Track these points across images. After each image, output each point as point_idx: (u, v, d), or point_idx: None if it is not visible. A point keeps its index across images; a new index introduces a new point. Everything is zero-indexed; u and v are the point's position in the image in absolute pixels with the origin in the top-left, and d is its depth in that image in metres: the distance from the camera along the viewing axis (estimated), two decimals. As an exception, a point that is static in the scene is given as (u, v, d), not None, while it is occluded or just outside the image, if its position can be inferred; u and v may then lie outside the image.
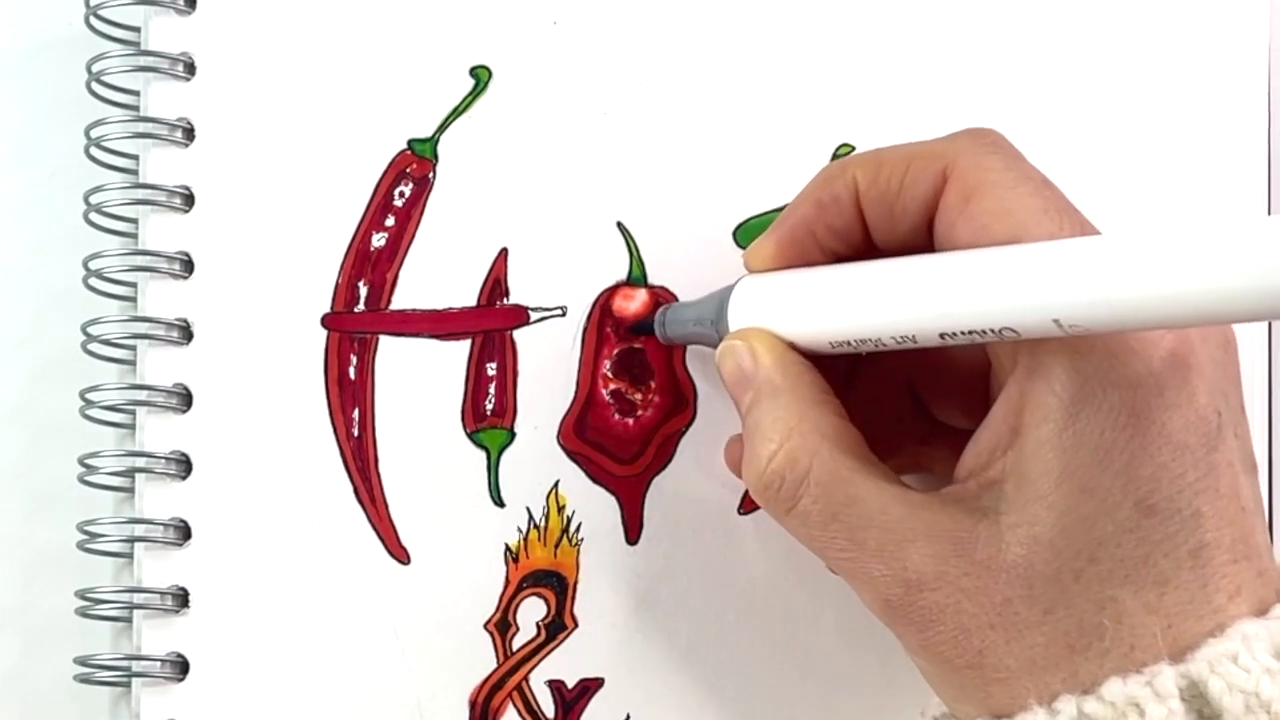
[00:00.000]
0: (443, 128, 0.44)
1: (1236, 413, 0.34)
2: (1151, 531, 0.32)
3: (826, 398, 0.37)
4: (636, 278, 0.45)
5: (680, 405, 0.44)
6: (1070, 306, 0.30)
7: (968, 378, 0.38)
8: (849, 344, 0.36)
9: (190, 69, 0.44)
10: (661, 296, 0.44)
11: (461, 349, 0.44)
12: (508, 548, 0.44)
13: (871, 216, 0.37)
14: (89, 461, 0.43)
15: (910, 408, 0.40)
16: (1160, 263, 0.29)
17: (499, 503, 0.44)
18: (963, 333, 0.33)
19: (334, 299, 0.44)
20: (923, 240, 0.36)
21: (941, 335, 0.33)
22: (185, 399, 0.43)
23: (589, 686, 0.44)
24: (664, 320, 0.43)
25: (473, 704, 0.43)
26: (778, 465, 0.36)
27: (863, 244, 0.37)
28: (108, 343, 0.43)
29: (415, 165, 0.44)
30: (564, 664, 0.44)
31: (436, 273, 0.44)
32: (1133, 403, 0.32)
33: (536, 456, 0.44)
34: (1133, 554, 0.32)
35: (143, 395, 0.43)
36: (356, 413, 0.44)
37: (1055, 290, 0.31)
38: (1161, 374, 0.33)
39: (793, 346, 0.37)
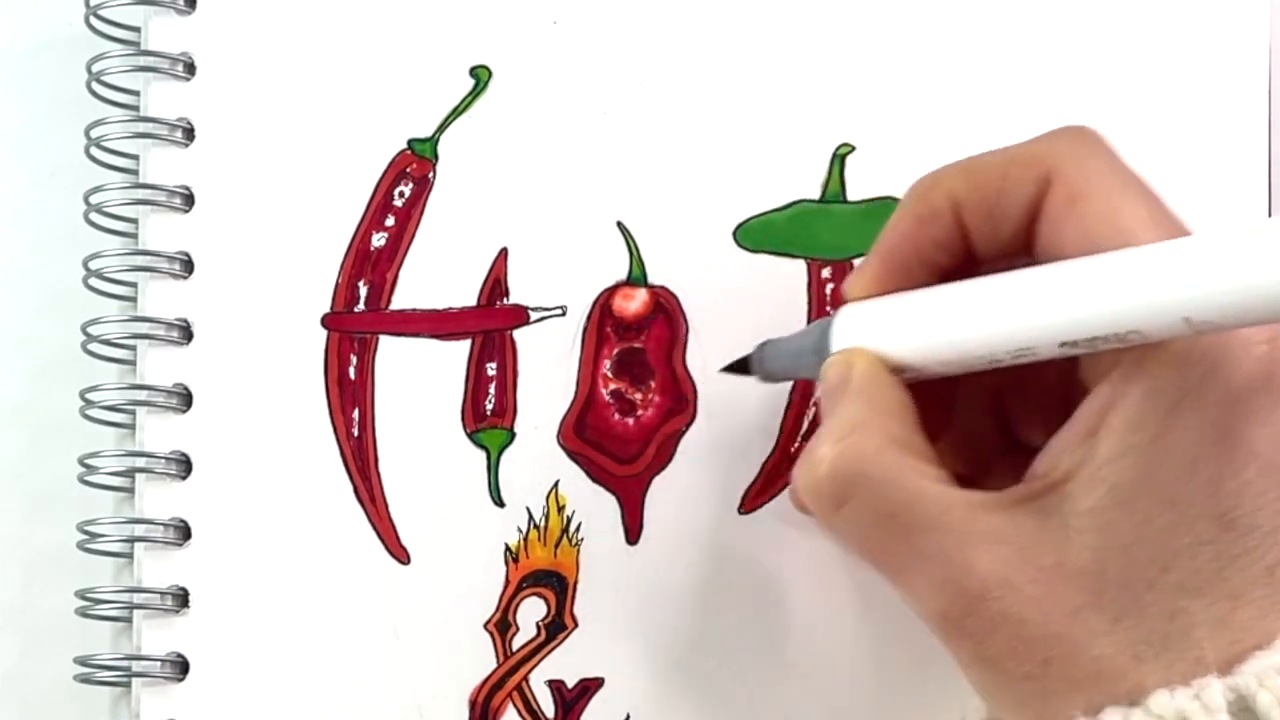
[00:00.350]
0: (443, 127, 0.44)
1: None
2: (1230, 546, 0.32)
3: (904, 411, 0.35)
4: (636, 277, 0.44)
5: (680, 405, 0.44)
6: (1201, 302, 0.30)
7: (1053, 391, 0.37)
8: (962, 362, 0.35)
9: (190, 69, 0.44)
10: (661, 296, 0.44)
11: (461, 349, 0.44)
12: (508, 548, 0.44)
13: (972, 224, 0.36)
14: (89, 461, 0.43)
15: (996, 428, 0.39)
16: None
17: (499, 503, 0.44)
18: (1085, 340, 0.32)
19: (334, 299, 0.44)
20: (1025, 246, 0.35)
21: (1062, 344, 0.33)
22: (185, 399, 0.43)
23: (589, 686, 0.44)
24: (762, 356, 0.41)
25: (473, 704, 0.43)
26: (835, 459, 0.34)
27: (964, 254, 0.36)
28: (108, 343, 0.43)
29: (415, 165, 0.44)
30: (564, 664, 0.44)
31: (436, 273, 0.44)
32: (1227, 418, 0.32)
33: (536, 456, 0.44)
34: (1208, 566, 0.32)
35: (143, 395, 0.43)
36: (356, 413, 0.44)
37: (1185, 287, 0.30)
38: (1255, 390, 0.32)
39: (898, 370, 0.36)
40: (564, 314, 0.44)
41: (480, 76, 0.44)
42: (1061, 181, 0.34)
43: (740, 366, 0.41)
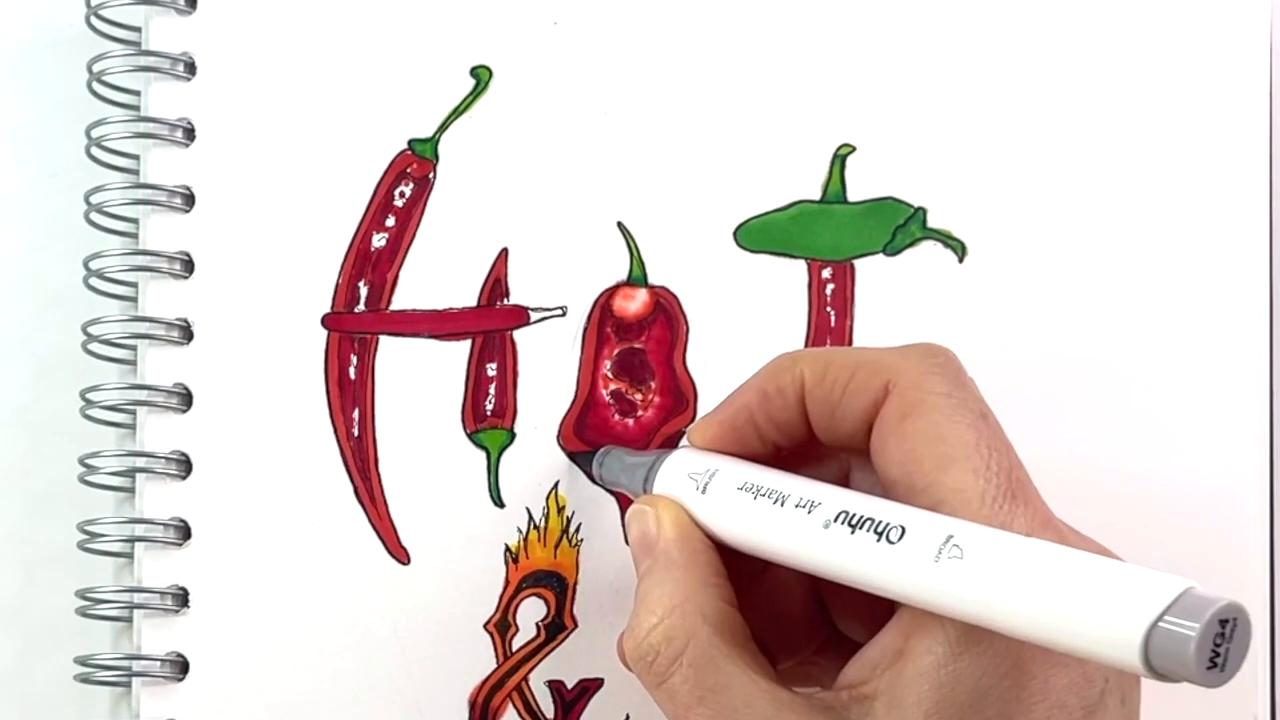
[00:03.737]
0: (443, 128, 0.44)
1: (1129, 679, 0.34)
2: None
3: (719, 581, 0.36)
4: (637, 278, 0.44)
5: (680, 405, 0.44)
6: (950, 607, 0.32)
7: (870, 597, 0.37)
8: (770, 556, 0.36)
9: (191, 69, 0.44)
10: (662, 297, 0.44)
11: (462, 349, 0.44)
12: (507, 548, 0.44)
13: (814, 415, 0.37)
14: (89, 461, 0.43)
15: (814, 612, 0.39)
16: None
17: (499, 503, 0.44)
18: (859, 518, 0.34)
19: (334, 299, 0.44)
20: (861, 445, 0.36)
21: (828, 524, 0.34)
22: (185, 399, 0.43)
23: (589, 687, 0.44)
24: (602, 461, 0.43)
25: (472, 704, 0.43)
26: (655, 640, 0.35)
27: (804, 437, 0.38)
28: (108, 342, 0.43)
29: (416, 165, 0.44)
30: (564, 664, 0.44)
31: (437, 273, 0.44)
32: (1018, 653, 0.32)
33: (536, 457, 0.44)
34: None
35: (143, 395, 0.43)
36: (357, 413, 0.44)
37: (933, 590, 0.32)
38: None
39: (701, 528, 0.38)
40: (564, 314, 0.44)
41: (481, 77, 0.44)
42: (897, 395, 0.35)
43: (583, 461, 0.44)
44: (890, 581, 0.33)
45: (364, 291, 0.44)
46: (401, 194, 0.44)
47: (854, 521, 0.34)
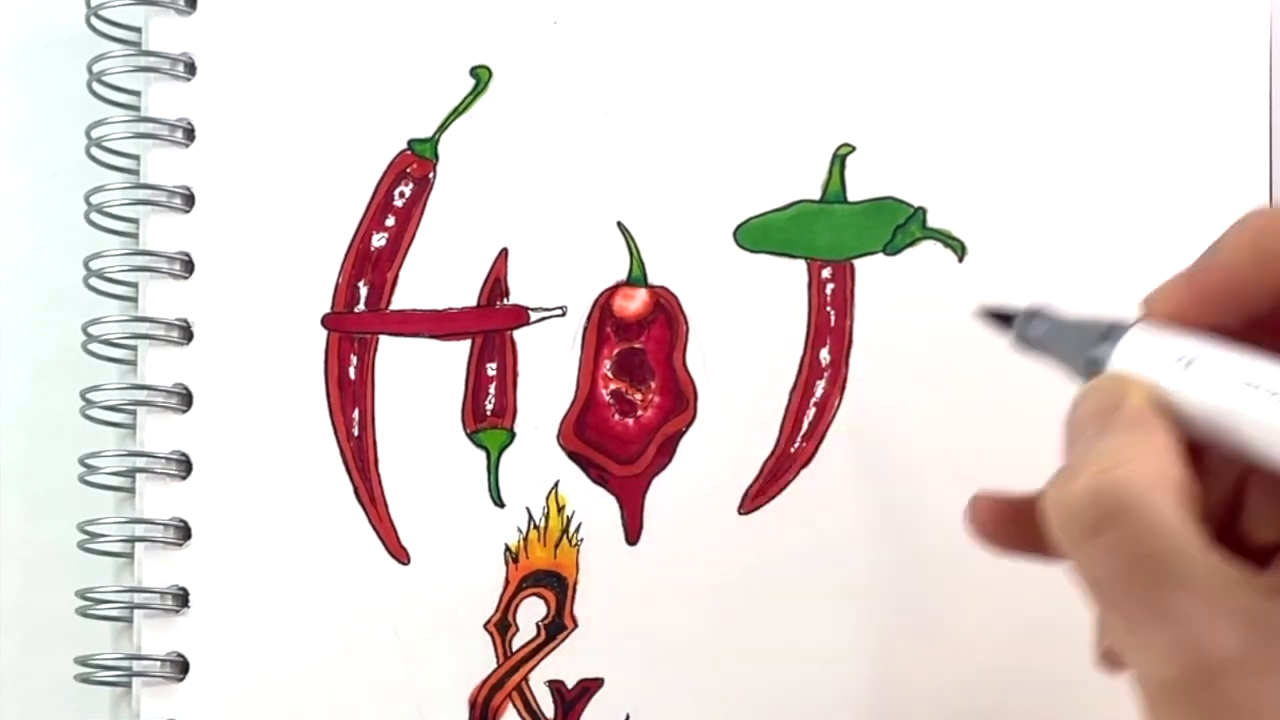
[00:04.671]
0: (443, 128, 0.44)
1: None
2: None
3: (1182, 459, 0.31)
4: (637, 278, 0.44)
5: (681, 405, 0.44)
6: None
7: None
8: (1253, 459, 0.31)
9: (191, 69, 0.44)
10: (662, 296, 0.44)
11: (462, 349, 0.44)
12: (508, 548, 0.44)
13: None
14: (89, 461, 0.43)
15: (1221, 507, 0.35)
16: None
17: (499, 503, 0.44)
18: None
19: (334, 299, 0.44)
20: None
21: None
22: (185, 399, 0.43)
23: (589, 686, 0.44)
24: (1029, 324, 0.36)
25: (473, 704, 0.43)
26: (1101, 484, 0.30)
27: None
28: (108, 343, 0.43)
29: (415, 165, 0.44)
30: (564, 664, 0.44)
31: (437, 273, 0.44)
32: None
33: (536, 456, 0.44)
34: None
35: (143, 395, 0.43)
36: (357, 413, 0.44)
37: None
38: None
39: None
40: (564, 314, 0.44)
41: (481, 77, 0.44)
42: None
43: (1003, 318, 0.37)
44: None
45: (364, 291, 0.44)
46: (401, 194, 0.44)
47: None
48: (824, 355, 0.44)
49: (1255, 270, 0.32)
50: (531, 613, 0.44)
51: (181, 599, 0.43)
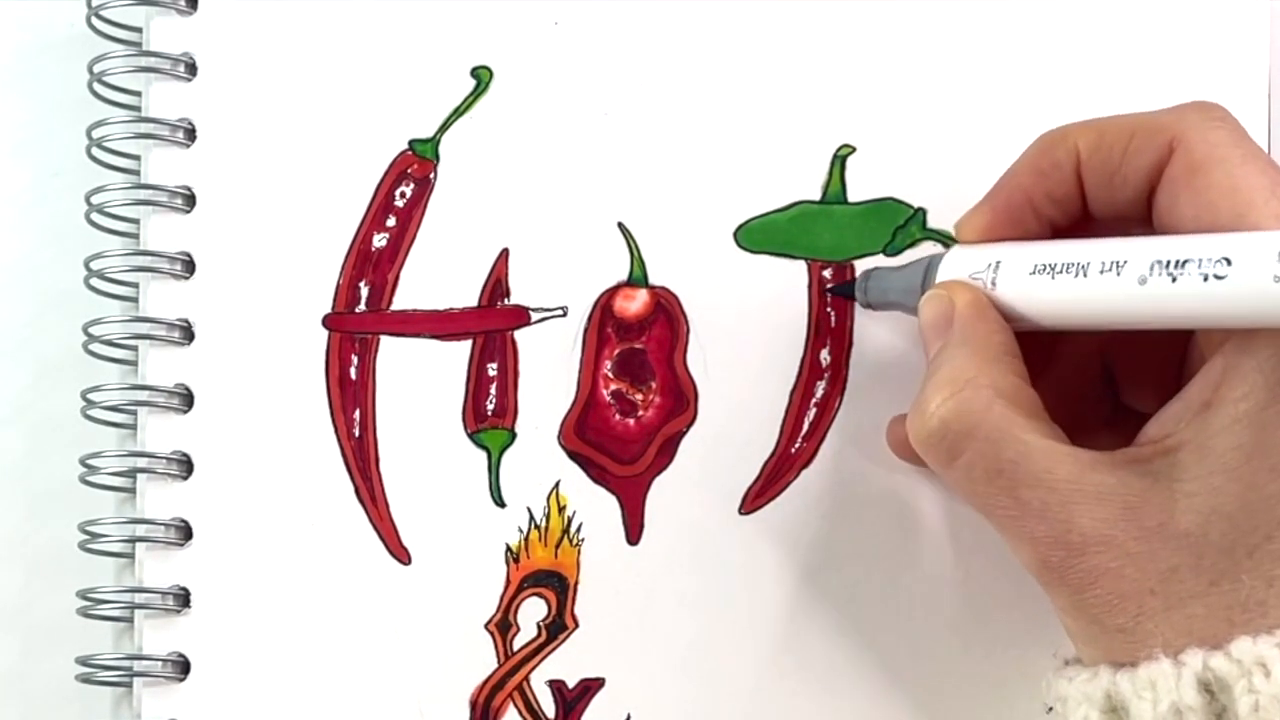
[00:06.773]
0: (444, 128, 0.44)
1: None
2: None
3: (1011, 360, 0.36)
4: (637, 278, 0.45)
5: (681, 405, 0.44)
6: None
7: (1165, 360, 0.38)
8: (1073, 318, 0.36)
9: (191, 69, 0.44)
10: (662, 297, 0.44)
11: (462, 349, 0.44)
12: (508, 548, 0.44)
13: (1091, 185, 0.37)
14: (90, 461, 0.43)
15: (1100, 387, 0.40)
16: None
17: (500, 503, 0.44)
18: (1176, 261, 0.33)
19: (335, 299, 0.44)
20: (1141, 211, 0.36)
21: (1153, 264, 0.34)
22: (186, 399, 0.43)
23: (589, 686, 0.44)
24: (865, 285, 0.42)
25: (473, 704, 0.43)
26: (946, 414, 0.35)
27: (1079, 213, 0.38)
28: (109, 343, 0.43)
29: (416, 165, 0.44)
30: (564, 664, 0.44)
31: (437, 273, 0.44)
32: None
33: (537, 457, 0.44)
34: None
35: (144, 395, 0.43)
36: (357, 413, 0.44)
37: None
38: None
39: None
40: (565, 315, 0.44)
41: (481, 77, 0.45)
42: (1184, 151, 0.35)
43: (845, 290, 0.43)
44: (1229, 312, 0.32)
45: (365, 292, 0.44)
46: (402, 194, 0.44)
47: (1172, 267, 0.33)
48: (824, 356, 0.44)
49: (1039, 181, 0.38)
50: (532, 612, 0.44)
51: (182, 599, 0.43)
